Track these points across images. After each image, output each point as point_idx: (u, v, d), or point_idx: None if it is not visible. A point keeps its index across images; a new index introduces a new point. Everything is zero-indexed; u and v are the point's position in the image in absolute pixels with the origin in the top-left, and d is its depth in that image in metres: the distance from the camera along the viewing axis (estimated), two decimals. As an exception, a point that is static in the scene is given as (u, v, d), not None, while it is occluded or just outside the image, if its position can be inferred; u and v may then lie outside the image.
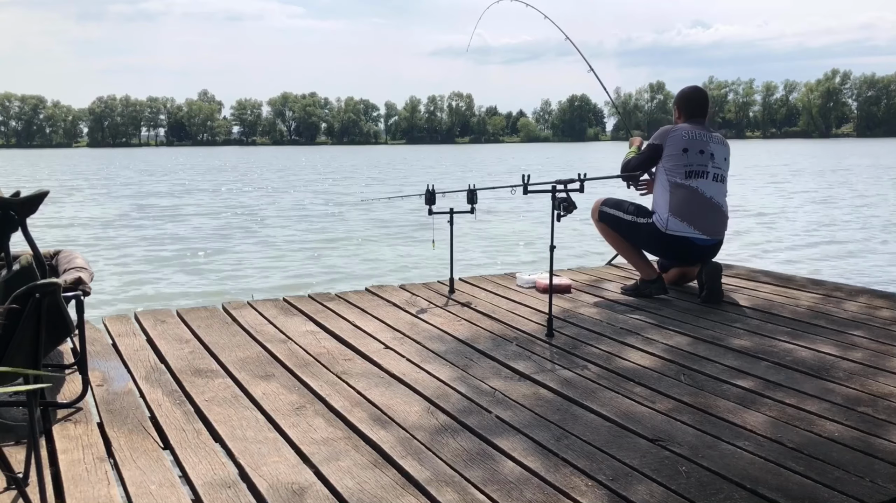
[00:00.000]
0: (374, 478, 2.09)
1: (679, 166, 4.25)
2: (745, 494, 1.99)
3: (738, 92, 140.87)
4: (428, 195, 4.27)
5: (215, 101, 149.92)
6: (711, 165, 4.26)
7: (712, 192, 4.26)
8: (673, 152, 4.27)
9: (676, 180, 4.24)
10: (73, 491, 2.02)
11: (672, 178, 4.26)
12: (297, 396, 2.75)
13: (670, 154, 4.28)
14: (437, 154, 74.24)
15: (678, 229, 4.23)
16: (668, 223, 4.24)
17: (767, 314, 3.95)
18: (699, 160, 4.25)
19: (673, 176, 4.26)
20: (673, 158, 4.27)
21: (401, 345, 3.38)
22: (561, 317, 3.85)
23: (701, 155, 4.26)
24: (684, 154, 4.25)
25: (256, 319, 3.85)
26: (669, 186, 4.26)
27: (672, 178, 4.26)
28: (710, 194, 4.25)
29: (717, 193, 4.28)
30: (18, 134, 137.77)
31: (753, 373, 2.97)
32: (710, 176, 4.26)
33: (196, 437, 2.38)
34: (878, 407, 2.61)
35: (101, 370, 3.05)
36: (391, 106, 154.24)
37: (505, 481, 2.07)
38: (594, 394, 2.76)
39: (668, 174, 4.28)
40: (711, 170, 4.26)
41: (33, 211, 2.67)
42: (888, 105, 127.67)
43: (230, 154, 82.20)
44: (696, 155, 4.25)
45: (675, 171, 4.25)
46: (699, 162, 4.25)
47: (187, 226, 15.01)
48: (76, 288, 2.65)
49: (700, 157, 4.25)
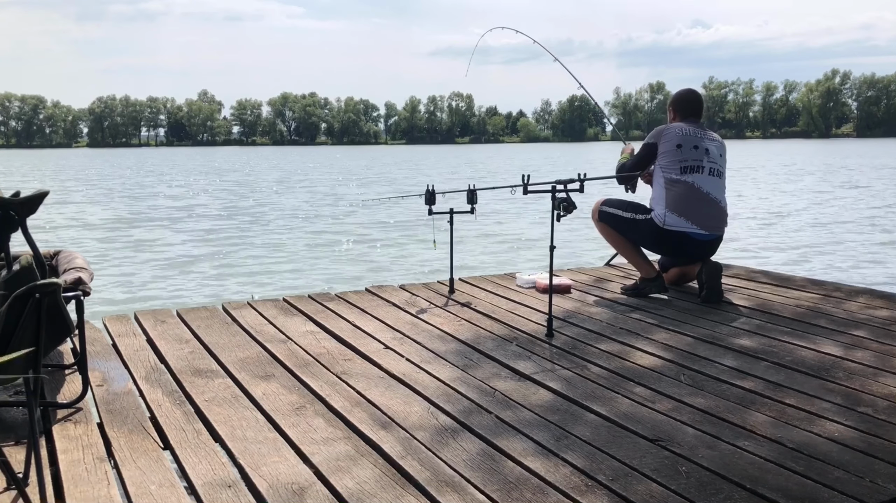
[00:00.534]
0: (374, 478, 2.09)
1: (674, 162, 4.27)
2: (745, 494, 1.99)
3: (738, 92, 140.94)
4: (428, 195, 4.27)
5: (215, 102, 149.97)
6: (707, 160, 4.28)
7: (709, 186, 4.27)
8: (667, 149, 4.30)
9: (672, 176, 4.26)
10: (73, 491, 2.02)
11: (668, 175, 4.27)
12: (297, 396, 2.75)
13: (665, 151, 4.31)
14: (439, 154, 74.25)
15: (676, 224, 4.24)
16: (666, 218, 4.25)
17: (767, 314, 3.95)
18: (694, 155, 4.27)
19: (669, 172, 4.27)
20: (668, 155, 4.29)
21: (401, 346, 3.38)
22: (561, 317, 3.85)
23: (695, 150, 4.28)
24: (678, 150, 4.27)
25: (256, 319, 3.85)
26: (665, 182, 4.28)
27: (668, 175, 4.27)
28: (706, 189, 4.26)
29: (714, 188, 4.29)
30: (18, 134, 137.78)
31: (753, 373, 2.97)
32: (706, 171, 4.27)
33: (196, 437, 2.38)
34: (878, 407, 2.61)
35: (101, 370, 3.04)
36: (391, 106, 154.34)
37: (505, 481, 2.07)
38: (594, 394, 2.76)
39: (664, 171, 4.30)
40: (707, 164, 4.28)
41: (33, 211, 2.67)
42: (888, 105, 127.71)
43: (231, 154, 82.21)
44: (690, 150, 4.27)
45: (671, 167, 4.27)
46: (694, 157, 4.27)
47: (187, 226, 15.01)
48: (76, 288, 2.66)
49: (695, 153, 4.28)
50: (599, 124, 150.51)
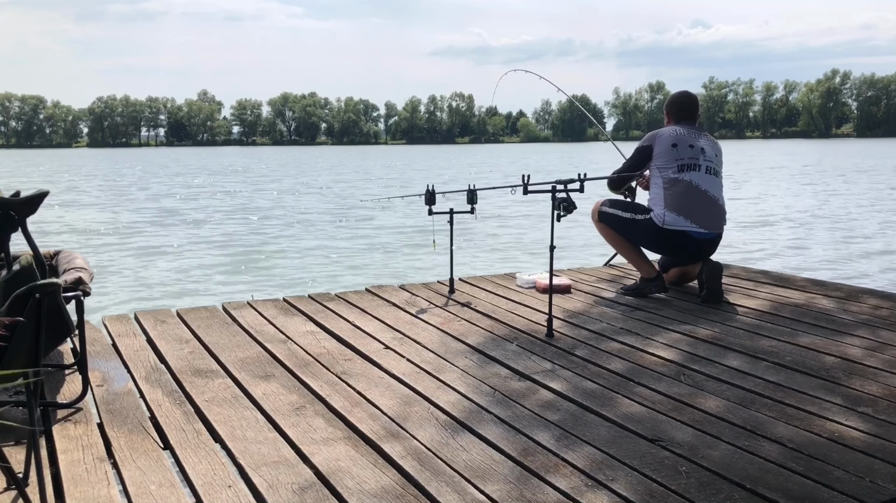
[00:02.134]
0: (374, 478, 2.09)
1: (671, 161, 4.28)
2: (745, 494, 1.99)
3: (738, 92, 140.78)
4: (428, 195, 4.27)
5: (215, 101, 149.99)
6: (703, 159, 4.30)
7: (707, 184, 4.28)
8: (662, 149, 4.32)
9: (670, 175, 4.27)
10: (73, 491, 2.02)
11: (665, 174, 4.28)
12: (297, 396, 2.75)
13: (660, 152, 4.33)
14: (441, 154, 74.20)
15: (675, 223, 4.25)
16: (665, 218, 4.26)
17: (767, 314, 3.95)
18: (690, 153, 4.29)
19: (666, 171, 4.28)
20: (663, 155, 4.31)
21: (401, 346, 3.38)
22: (561, 317, 3.85)
23: (691, 149, 4.30)
24: (674, 149, 4.29)
25: (256, 319, 3.85)
26: (663, 182, 4.29)
27: (665, 174, 4.28)
28: (704, 187, 4.27)
29: (711, 186, 4.30)
30: (18, 134, 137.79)
31: (753, 373, 2.97)
32: (703, 169, 4.28)
33: (196, 437, 2.38)
34: (879, 407, 2.61)
35: (101, 370, 3.05)
36: (391, 106, 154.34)
37: (505, 481, 2.07)
38: (594, 394, 2.76)
39: (661, 171, 4.31)
40: (703, 163, 4.29)
41: (33, 211, 2.68)
42: (888, 105, 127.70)
43: (232, 154, 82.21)
44: (686, 149, 4.29)
45: (668, 166, 4.29)
46: (690, 155, 4.29)
47: (187, 226, 15.01)
48: (76, 288, 2.66)
49: (690, 151, 4.30)
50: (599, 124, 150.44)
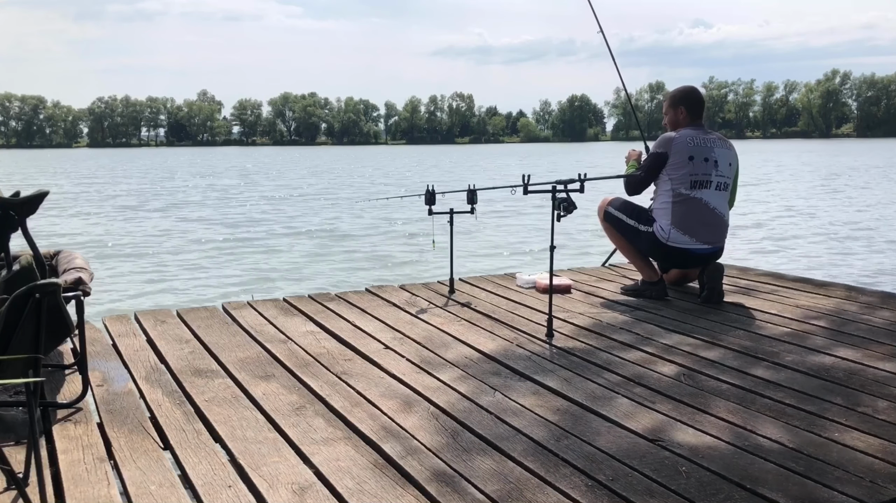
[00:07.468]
0: (374, 478, 2.09)
1: (685, 175, 4.19)
2: (745, 494, 1.99)
3: (739, 92, 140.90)
4: (428, 195, 4.27)
5: (215, 102, 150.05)
6: (715, 174, 4.22)
7: (715, 202, 4.23)
8: (678, 160, 4.21)
9: (681, 190, 4.19)
10: (73, 491, 2.02)
11: (677, 188, 4.20)
12: (297, 396, 2.75)
13: (675, 162, 4.21)
14: (442, 154, 74.19)
15: (680, 242, 4.21)
16: (671, 235, 4.21)
17: (767, 314, 3.95)
18: (704, 169, 4.20)
19: (678, 185, 4.20)
20: (678, 167, 4.20)
21: (401, 346, 3.38)
22: (561, 318, 3.85)
23: (706, 163, 4.20)
24: (690, 162, 4.19)
25: (256, 319, 3.85)
26: (673, 195, 4.21)
27: (677, 188, 4.20)
28: (713, 205, 4.22)
29: (719, 203, 4.25)
30: (18, 134, 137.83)
31: (753, 374, 2.97)
32: (714, 185, 4.22)
33: (196, 438, 2.38)
34: (878, 407, 2.61)
35: (101, 370, 3.05)
36: (391, 106, 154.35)
37: (505, 481, 2.07)
38: (594, 394, 2.76)
39: (673, 183, 4.22)
40: (715, 178, 4.22)
41: (33, 211, 2.68)
42: (888, 105, 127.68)
43: (232, 155, 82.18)
44: (701, 163, 4.20)
45: (682, 180, 4.19)
46: (704, 171, 4.20)
47: (188, 226, 15.01)
48: (76, 288, 2.66)
49: (705, 166, 4.20)
50: (600, 124, 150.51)
